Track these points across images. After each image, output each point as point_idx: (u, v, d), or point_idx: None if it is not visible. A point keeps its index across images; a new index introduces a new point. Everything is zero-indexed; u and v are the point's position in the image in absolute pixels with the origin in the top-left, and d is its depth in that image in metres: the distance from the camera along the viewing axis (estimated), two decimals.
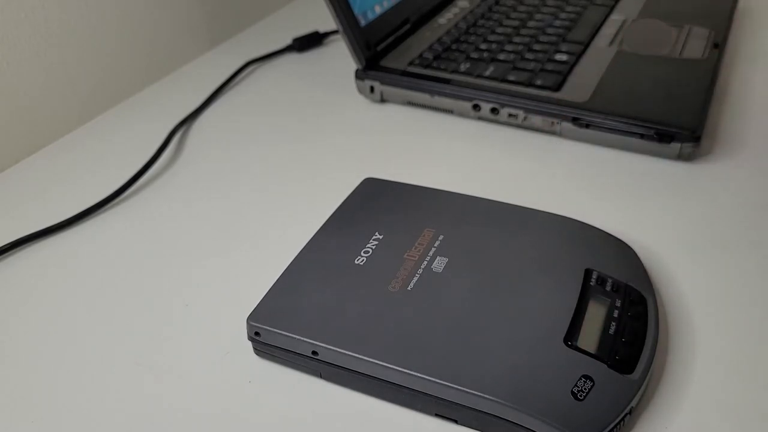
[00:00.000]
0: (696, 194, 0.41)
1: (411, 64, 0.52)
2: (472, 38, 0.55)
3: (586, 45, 0.53)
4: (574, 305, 0.30)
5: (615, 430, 0.26)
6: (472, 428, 0.28)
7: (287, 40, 0.62)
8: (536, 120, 0.47)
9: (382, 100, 0.53)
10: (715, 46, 0.52)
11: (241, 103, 0.54)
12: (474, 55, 0.52)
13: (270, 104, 0.54)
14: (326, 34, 0.63)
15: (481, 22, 0.58)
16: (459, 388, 0.27)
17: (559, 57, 0.51)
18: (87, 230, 0.41)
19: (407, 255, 0.33)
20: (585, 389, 0.26)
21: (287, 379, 0.31)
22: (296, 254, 0.34)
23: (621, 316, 0.30)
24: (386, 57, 0.53)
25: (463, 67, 0.51)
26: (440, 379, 0.27)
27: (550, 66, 0.50)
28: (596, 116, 0.44)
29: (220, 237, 0.40)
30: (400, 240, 0.34)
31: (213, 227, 0.41)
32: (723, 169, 0.43)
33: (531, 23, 0.57)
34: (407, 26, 0.56)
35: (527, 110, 0.47)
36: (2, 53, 0.47)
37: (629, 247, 0.35)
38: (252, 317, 0.30)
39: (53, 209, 0.42)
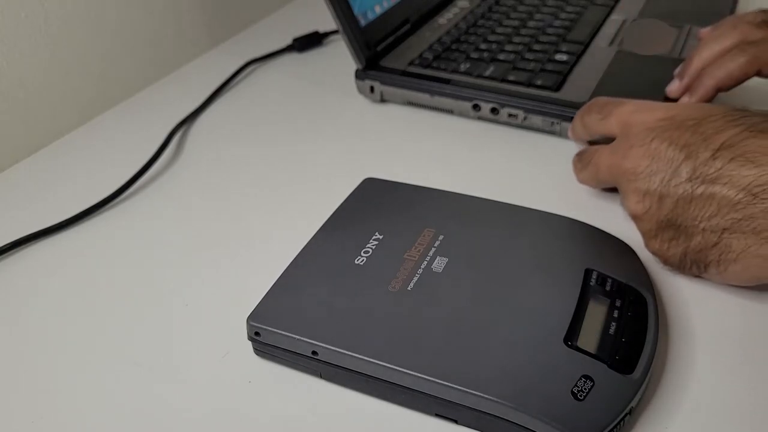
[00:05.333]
0: None
1: (411, 64, 0.52)
2: (472, 38, 0.55)
3: (586, 45, 0.53)
4: (574, 305, 0.30)
5: (615, 430, 0.26)
6: (472, 428, 0.28)
7: (287, 40, 0.62)
8: (536, 120, 0.47)
9: (382, 100, 0.53)
10: None
11: (241, 103, 0.54)
12: (474, 55, 0.52)
13: (270, 104, 0.54)
14: (326, 34, 0.63)
15: (481, 22, 0.58)
16: (459, 388, 0.27)
17: (559, 57, 0.51)
18: (87, 230, 0.41)
19: (407, 255, 0.33)
20: (585, 389, 0.26)
21: (287, 379, 0.31)
22: (296, 254, 0.34)
23: (621, 316, 0.30)
24: (386, 57, 0.53)
25: (463, 67, 0.51)
26: (440, 379, 0.27)
27: (550, 66, 0.50)
28: None
29: (220, 237, 0.40)
30: (400, 240, 0.34)
31: (213, 227, 0.41)
32: None
33: (531, 23, 0.57)
34: (407, 26, 0.56)
35: (527, 110, 0.47)
36: (2, 53, 0.47)
37: (629, 247, 0.35)
38: (252, 317, 0.30)
39: (53, 209, 0.42)
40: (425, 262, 0.32)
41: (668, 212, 0.32)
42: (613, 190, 0.41)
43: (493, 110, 0.48)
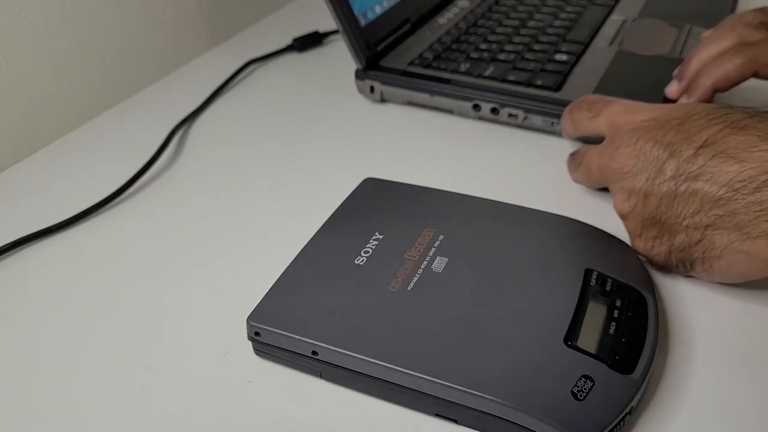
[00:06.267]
0: None
1: (411, 64, 0.52)
2: (473, 38, 0.55)
3: (586, 45, 0.53)
4: (574, 305, 0.30)
5: (615, 430, 0.26)
6: (472, 428, 0.28)
7: (287, 40, 0.62)
8: (536, 120, 0.47)
9: (382, 100, 0.53)
10: None
11: (241, 103, 0.54)
12: (474, 54, 0.52)
13: (270, 104, 0.54)
14: (326, 34, 0.63)
15: (481, 21, 0.58)
16: (459, 388, 0.27)
17: (559, 57, 0.51)
18: (87, 230, 0.41)
19: (407, 255, 0.33)
20: (585, 389, 0.26)
21: (287, 379, 0.31)
22: (296, 254, 0.34)
23: (621, 316, 0.30)
24: (386, 57, 0.53)
25: (463, 67, 0.51)
26: (440, 379, 0.27)
27: (550, 66, 0.50)
28: None
29: (220, 237, 0.40)
30: (400, 240, 0.34)
31: (213, 227, 0.41)
32: None
33: (531, 23, 0.57)
34: (407, 26, 0.56)
35: (527, 110, 0.47)
36: (2, 53, 0.47)
37: (629, 247, 0.35)
38: (252, 317, 0.30)
39: (53, 209, 0.42)
40: (425, 262, 0.32)
41: (652, 210, 0.33)
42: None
43: (493, 110, 0.48)
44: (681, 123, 0.33)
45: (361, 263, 0.33)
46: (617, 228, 0.36)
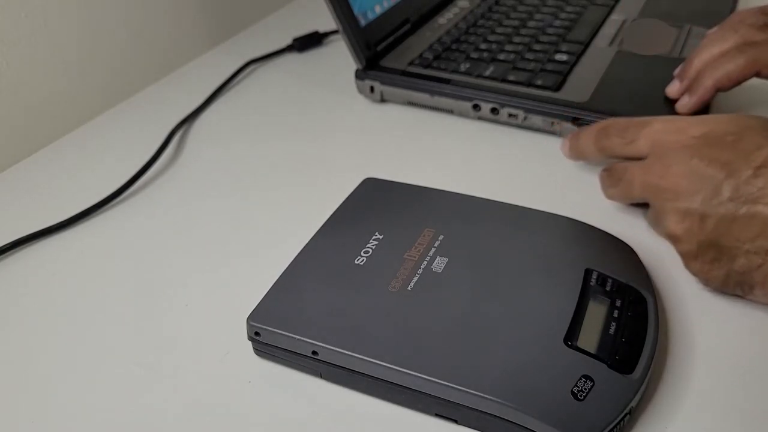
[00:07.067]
0: None
1: (411, 64, 0.52)
2: (472, 38, 0.55)
3: (586, 45, 0.53)
4: (574, 305, 0.30)
5: (615, 430, 0.26)
6: (472, 428, 0.28)
7: (287, 40, 0.62)
8: (536, 120, 0.47)
9: (382, 100, 0.53)
10: None
11: (241, 103, 0.54)
12: (474, 55, 0.52)
13: (270, 104, 0.54)
14: (326, 34, 0.63)
15: (481, 22, 0.58)
16: (459, 388, 0.27)
17: (559, 57, 0.51)
18: (87, 230, 0.41)
19: (407, 255, 0.33)
20: (585, 389, 0.26)
21: (287, 379, 0.31)
22: (296, 254, 0.34)
23: (621, 316, 0.30)
24: (386, 57, 0.53)
25: (463, 67, 0.51)
26: (440, 379, 0.27)
27: (550, 66, 0.50)
28: (596, 116, 0.44)
29: (220, 237, 0.40)
30: (400, 240, 0.34)
31: (213, 227, 0.41)
32: None
33: (531, 23, 0.57)
34: (407, 26, 0.56)
35: (527, 110, 0.47)
36: (2, 53, 0.47)
37: (629, 247, 0.35)
38: (252, 317, 0.30)
39: (53, 209, 0.42)
40: (425, 262, 0.32)
41: (710, 232, 0.31)
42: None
43: (493, 110, 0.48)
44: (736, 140, 0.31)
45: (361, 263, 0.33)
46: (617, 228, 0.36)
